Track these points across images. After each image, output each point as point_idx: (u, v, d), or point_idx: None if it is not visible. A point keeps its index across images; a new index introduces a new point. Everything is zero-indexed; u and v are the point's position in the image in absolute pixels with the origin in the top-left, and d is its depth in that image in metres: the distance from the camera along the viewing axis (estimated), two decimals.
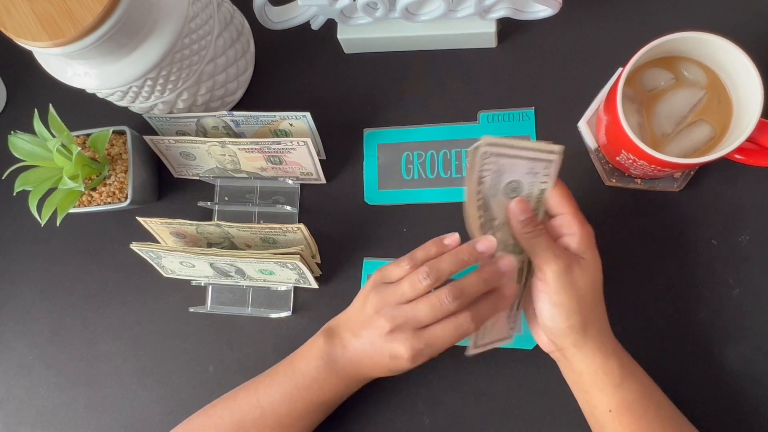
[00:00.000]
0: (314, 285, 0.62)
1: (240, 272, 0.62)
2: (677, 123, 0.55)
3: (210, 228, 0.62)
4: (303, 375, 0.54)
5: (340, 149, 0.66)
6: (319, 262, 0.64)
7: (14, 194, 0.60)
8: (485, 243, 0.51)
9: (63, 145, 0.58)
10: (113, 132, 0.63)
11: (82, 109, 0.68)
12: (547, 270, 0.50)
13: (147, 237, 0.64)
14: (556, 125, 0.63)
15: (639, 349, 0.59)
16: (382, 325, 0.50)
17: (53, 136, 0.59)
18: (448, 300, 0.49)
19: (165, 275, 0.66)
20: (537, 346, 0.59)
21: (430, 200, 0.64)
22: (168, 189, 0.68)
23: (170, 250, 0.60)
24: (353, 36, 0.64)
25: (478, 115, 0.64)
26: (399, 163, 0.65)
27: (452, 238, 0.52)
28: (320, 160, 0.63)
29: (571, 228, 0.51)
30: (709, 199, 0.60)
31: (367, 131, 0.66)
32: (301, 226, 0.59)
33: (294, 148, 0.60)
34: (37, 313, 0.69)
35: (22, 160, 0.60)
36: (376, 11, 0.59)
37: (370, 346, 0.52)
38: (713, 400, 0.57)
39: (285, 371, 0.56)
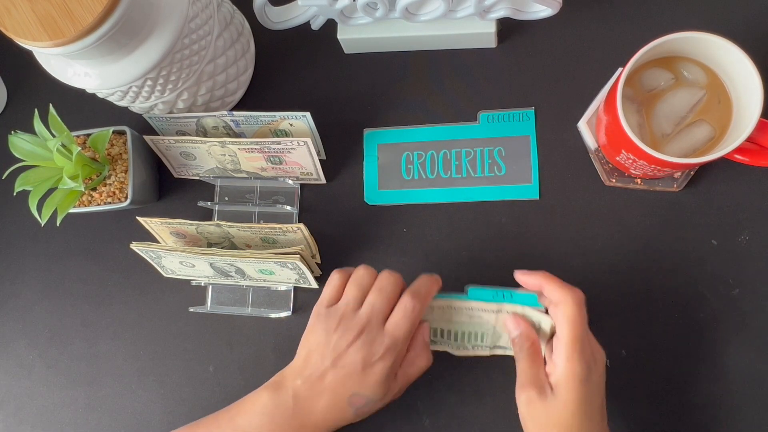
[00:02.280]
0: (314, 285, 0.62)
1: (240, 272, 0.62)
2: (677, 123, 0.55)
3: (210, 228, 0.62)
4: None
5: (340, 149, 0.66)
6: (319, 262, 0.64)
7: (14, 194, 0.60)
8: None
9: (63, 145, 0.58)
10: (113, 132, 0.63)
11: (82, 109, 0.68)
12: (519, 394, 0.51)
13: (147, 237, 0.64)
14: (556, 125, 0.63)
15: (639, 349, 0.59)
16: (348, 336, 0.51)
17: (53, 136, 0.59)
18: (387, 278, 0.52)
19: (165, 275, 0.66)
20: None
21: (430, 200, 0.64)
22: (168, 189, 0.68)
23: (170, 250, 0.60)
24: (353, 36, 0.64)
25: (478, 115, 0.64)
26: (399, 163, 0.65)
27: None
28: (320, 160, 0.63)
29: (558, 358, 0.49)
30: (709, 199, 0.60)
31: (367, 131, 0.66)
32: (301, 226, 0.59)
33: (294, 148, 0.60)
34: (37, 313, 0.69)
35: (22, 160, 0.60)
36: (376, 11, 0.59)
37: (333, 370, 0.51)
38: (713, 400, 0.57)
39: (225, 425, 0.53)
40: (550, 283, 0.50)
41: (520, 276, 0.53)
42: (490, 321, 0.55)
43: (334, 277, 0.55)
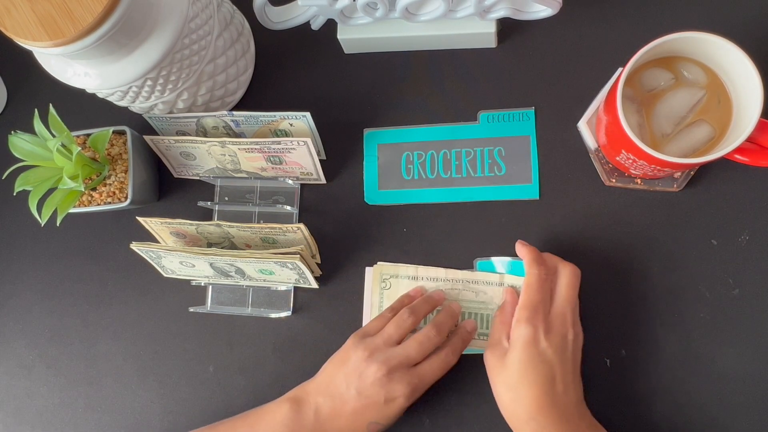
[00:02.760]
0: (314, 285, 0.62)
1: (240, 272, 0.62)
2: (677, 123, 0.55)
3: (210, 228, 0.62)
4: None
5: (340, 149, 0.66)
6: (319, 262, 0.64)
7: (14, 194, 0.60)
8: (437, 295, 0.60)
9: (63, 145, 0.58)
10: (113, 132, 0.63)
11: (82, 109, 0.68)
12: (485, 354, 0.57)
13: (147, 237, 0.64)
14: (555, 125, 0.63)
15: (639, 349, 0.59)
16: (376, 369, 0.53)
17: (53, 136, 0.59)
18: (433, 334, 0.55)
19: (165, 275, 0.66)
20: None
21: (430, 200, 0.64)
22: (168, 189, 0.68)
23: (170, 250, 0.60)
24: (353, 36, 0.64)
25: (478, 115, 0.64)
26: (399, 163, 0.65)
27: (416, 290, 0.60)
28: (320, 160, 0.63)
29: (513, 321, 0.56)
30: (709, 199, 0.60)
31: (367, 131, 0.66)
32: (301, 226, 0.59)
33: (294, 148, 0.60)
34: (37, 313, 0.69)
35: (22, 160, 0.60)
36: (376, 11, 0.59)
37: (356, 399, 0.53)
38: (713, 400, 0.57)
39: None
40: (526, 255, 0.56)
41: (517, 245, 0.58)
42: (494, 297, 0.59)
43: (386, 314, 0.58)
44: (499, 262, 0.61)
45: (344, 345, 0.56)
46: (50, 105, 0.59)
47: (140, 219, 0.62)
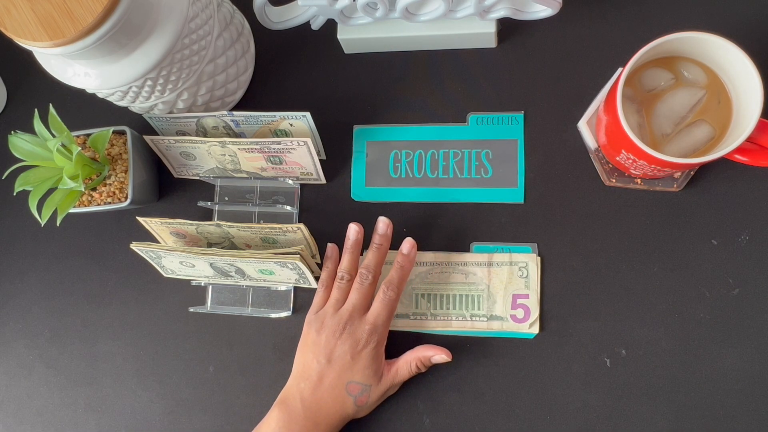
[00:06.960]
0: (314, 285, 0.62)
1: (240, 272, 0.62)
2: (677, 123, 0.55)
3: (210, 228, 0.62)
4: None
5: (340, 149, 0.66)
6: (319, 262, 0.64)
7: (14, 194, 0.60)
8: (352, 229, 0.61)
9: (63, 145, 0.58)
10: (113, 132, 0.63)
11: (82, 109, 0.68)
12: None
13: (147, 237, 0.64)
14: (555, 125, 0.63)
15: (639, 349, 0.59)
16: (333, 331, 0.56)
17: (53, 136, 0.59)
18: (364, 277, 0.58)
19: (165, 275, 0.66)
20: (538, 336, 0.60)
21: (416, 200, 0.64)
22: (168, 189, 0.69)
23: (170, 250, 0.60)
24: (353, 36, 0.64)
25: (467, 117, 0.64)
26: (387, 161, 0.65)
27: (331, 249, 0.63)
28: (320, 160, 0.63)
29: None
30: (709, 199, 0.60)
31: (357, 128, 0.66)
32: (301, 225, 0.59)
33: (294, 148, 0.60)
34: (37, 313, 0.69)
35: (22, 160, 0.60)
36: (376, 11, 0.59)
37: (329, 367, 0.56)
38: (713, 400, 0.57)
39: None
40: None
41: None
42: (483, 278, 0.60)
43: (320, 289, 0.61)
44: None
45: (303, 331, 0.59)
46: (50, 105, 0.59)
47: (140, 219, 0.62)
